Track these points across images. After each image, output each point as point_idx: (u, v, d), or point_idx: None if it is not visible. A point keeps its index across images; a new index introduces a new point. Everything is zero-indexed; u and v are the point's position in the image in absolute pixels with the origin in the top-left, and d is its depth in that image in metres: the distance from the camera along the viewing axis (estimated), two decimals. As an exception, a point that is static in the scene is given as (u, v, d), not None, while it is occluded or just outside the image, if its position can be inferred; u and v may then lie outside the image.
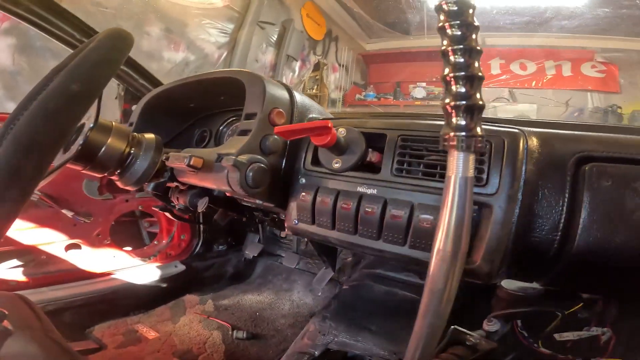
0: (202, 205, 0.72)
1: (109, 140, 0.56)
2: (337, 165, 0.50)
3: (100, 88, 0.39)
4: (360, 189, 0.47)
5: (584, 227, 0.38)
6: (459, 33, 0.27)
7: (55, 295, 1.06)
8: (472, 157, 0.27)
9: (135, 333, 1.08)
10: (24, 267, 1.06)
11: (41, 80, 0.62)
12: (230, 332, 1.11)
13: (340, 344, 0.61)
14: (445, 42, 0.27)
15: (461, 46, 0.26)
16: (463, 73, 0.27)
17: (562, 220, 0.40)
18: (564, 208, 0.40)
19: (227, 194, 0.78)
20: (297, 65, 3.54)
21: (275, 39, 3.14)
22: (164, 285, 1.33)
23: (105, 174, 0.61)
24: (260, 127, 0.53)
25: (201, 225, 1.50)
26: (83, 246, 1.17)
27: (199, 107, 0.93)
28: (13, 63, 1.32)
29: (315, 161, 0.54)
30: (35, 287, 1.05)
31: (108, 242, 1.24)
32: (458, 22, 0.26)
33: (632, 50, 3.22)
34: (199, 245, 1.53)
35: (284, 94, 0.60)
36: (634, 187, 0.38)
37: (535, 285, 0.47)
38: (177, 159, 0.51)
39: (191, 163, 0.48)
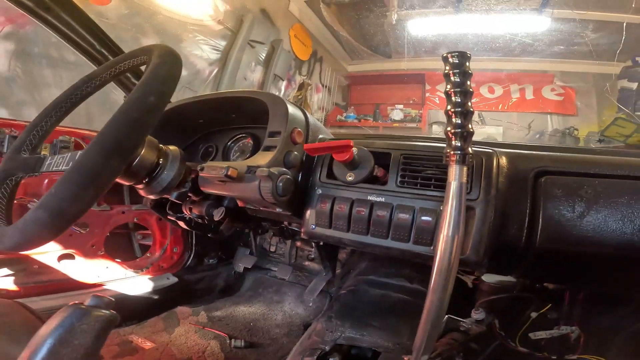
0: (218, 214, 0.77)
1: (143, 152, 0.61)
2: (350, 178, 0.60)
3: (168, 100, 0.45)
4: (370, 198, 0.57)
5: (543, 226, 0.50)
6: (459, 80, 0.38)
7: (47, 305, 1.05)
8: (465, 168, 0.37)
9: (130, 343, 1.08)
10: (15, 276, 1.05)
11: (69, 87, 0.67)
12: (228, 341, 1.13)
13: (348, 339, 0.68)
14: (449, 86, 0.38)
15: (459, 89, 0.38)
16: (460, 109, 0.38)
17: (526, 221, 0.52)
18: (527, 211, 0.52)
19: (240, 205, 0.84)
20: (283, 84, 3.67)
21: (264, 57, 3.27)
22: (156, 297, 1.34)
23: (132, 183, 0.66)
24: (284, 144, 0.61)
25: (194, 239, 1.53)
26: (77, 256, 1.16)
27: (207, 123, 0.98)
28: (9, 69, 1.31)
29: (330, 175, 0.64)
30: (26, 297, 1.03)
31: (102, 253, 1.23)
32: (458, 71, 0.38)
33: (588, 74, 3.58)
34: (191, 258, 1.54)
35: (301, 115, 0.69)
36: (579, 194, 0.51)
37: (510, 278, 0.58)
38: (214, 170, 0.57)
39: (228, 173, 0.55)
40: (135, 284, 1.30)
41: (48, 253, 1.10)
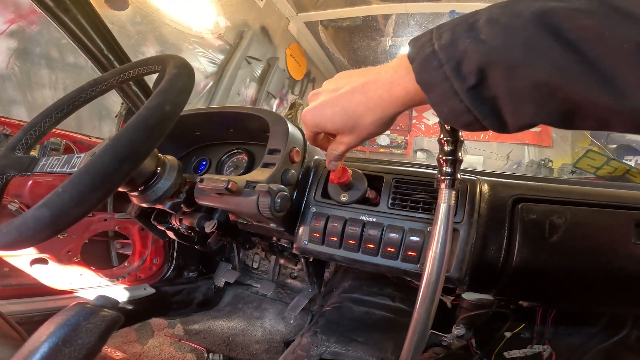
0: (210, 226, 0.77)
1: None
2: (344, 198, 0.63)
3: (180, 112, 0.45)
4: (363, 217, 0.61)
5: (519, 248, 0.55)
6: (451, 148, 0.40)
7: (14, 309, 0.99)
8: (453, 192, 0.41)
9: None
10: (-18, 278, 0.99)
11: (74, 90, 0.68)
12: (205, 355, 1.10)
13: (333, 354, 0.69)
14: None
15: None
16: (452, 138, 0.41)
17: (504, 243, 0.56)
18: (505, 234, 0.57)
19: (231, 218, 0.84)
20: (275, 102, 3.73)
21: (259, 74, 3.34)
22: (130, 307, 1.28)
23: (127, 190, 0.65)
24: (283, 163, 0.64)
25: (175, 251, 1.50)
26: (50, 262, 1.12)
27: (203, 136, 0.98)
28: (7, 67, 1.29)
29: (324, 194, 0.67)
30: (-8, 299, 0.97)
31: (77, 260, 1.19)
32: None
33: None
34: (170, 270, 1.50)
35: (299, 135, 0.72)
36: (551, 219, 0.56)
37: (489, 296, 0.63)
38: (214, 182, 0.58)
39: (229, 186, 0.55)
40: (109, 292, 1.24)
41: (20, 256, 1.05)
